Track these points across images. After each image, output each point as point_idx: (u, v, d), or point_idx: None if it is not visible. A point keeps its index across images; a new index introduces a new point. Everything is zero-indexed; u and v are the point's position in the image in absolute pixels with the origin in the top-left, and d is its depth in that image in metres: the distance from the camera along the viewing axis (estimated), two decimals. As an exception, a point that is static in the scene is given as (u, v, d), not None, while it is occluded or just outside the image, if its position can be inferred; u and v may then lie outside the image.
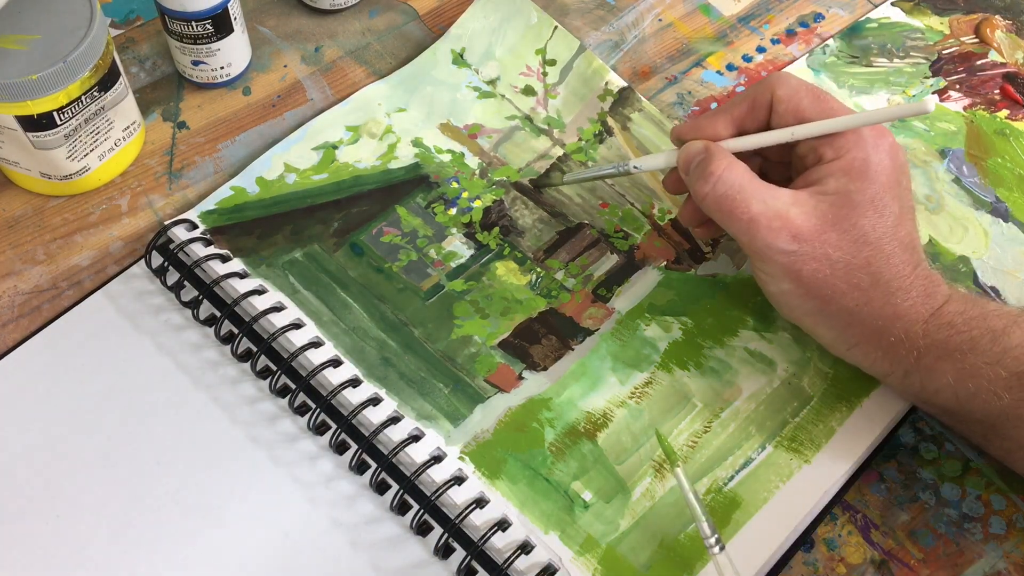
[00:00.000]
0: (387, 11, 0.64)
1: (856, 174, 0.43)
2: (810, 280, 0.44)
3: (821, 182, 0.44)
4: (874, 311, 0.44)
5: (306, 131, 0.56)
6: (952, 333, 0.43)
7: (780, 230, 0.43)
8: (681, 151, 0.47)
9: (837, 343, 0.46)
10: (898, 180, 0.44)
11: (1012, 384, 0.42)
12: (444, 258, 0.52)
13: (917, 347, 0.44)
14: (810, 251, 0.43)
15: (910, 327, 0.44)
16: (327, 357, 0.47)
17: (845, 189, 0.43)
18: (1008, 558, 0.45)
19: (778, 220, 0.43)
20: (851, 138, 0.44)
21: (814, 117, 0.45)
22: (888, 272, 0.43)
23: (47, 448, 0.45)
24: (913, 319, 0.44)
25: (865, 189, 0.43)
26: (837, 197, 0.43)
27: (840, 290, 0.43)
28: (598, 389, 0.48)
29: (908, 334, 0.44)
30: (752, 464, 0.46)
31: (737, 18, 0.65)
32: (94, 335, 0.48)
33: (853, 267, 0.43)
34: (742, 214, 0.44)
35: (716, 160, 0.45)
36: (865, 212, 0.43)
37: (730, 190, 0.44)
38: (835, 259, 0.43)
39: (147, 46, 0.61)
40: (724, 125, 0.47)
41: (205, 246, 0.50)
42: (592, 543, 0.43)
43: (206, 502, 0.44)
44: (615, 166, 0.51)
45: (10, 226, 0.53)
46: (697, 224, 0.50)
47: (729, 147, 0.46)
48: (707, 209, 0.45)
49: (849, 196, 0.43)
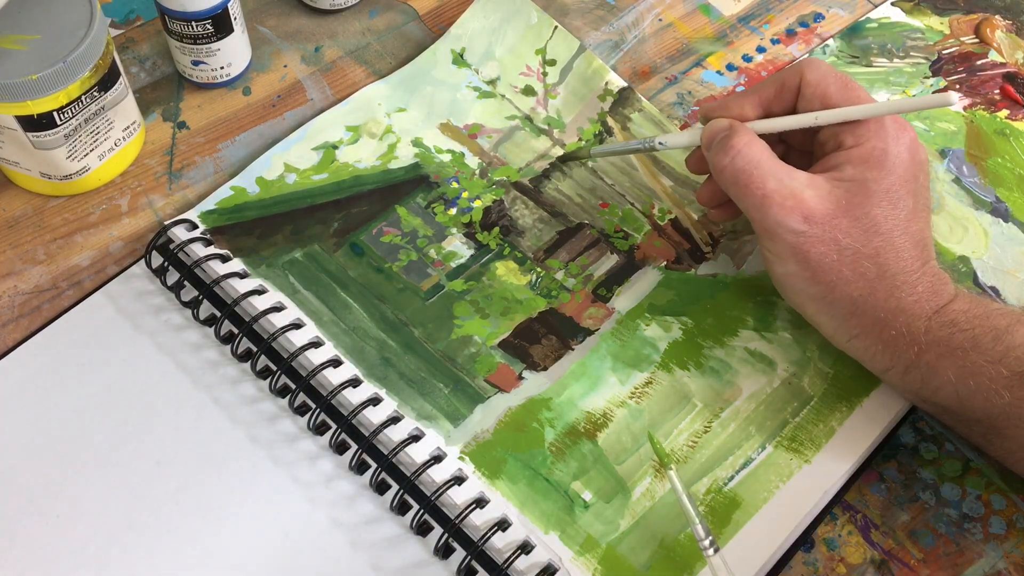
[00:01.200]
0: (387, 11, 0.64)
1: (874, 163, 0.44)
2: (817, 263, 0.44)
3: (839, 168, 0.44)
4: (878, 302, 0.44)
5: (306, 131, 0.56)
6: (955, 331, 0.43)
7: (792, 209, 0.43)
8: (706, 128, 0.47)
9: (838, 333, 0.46)
10: (915, 175, 0.44)
11: (1013, 383, 0.42)
12: (444, 258, 0.52)
13: (919, 343, 0.43)
14: (819, 234, 0.43)
15: (913, 322, 0.44)
16: (327, 357, 0.47)
17: (861, 177, 0.43)
18: (1008, 558, 0.45)
19: (792, 199, 0.43)
20: (872, 128, 0.44)
21: (840, 104, 0.45)
22: (896, 265, 0.43)
23: (47, 448, 0.45)
24: (917, 314, 0.44)
25: (881, 179, 0.43)
26: (853, 184, 0.44)
27: (845, 277, 0.44)
28: (598, 389, 0.48)
29: (910, 329, 0.44)
30: (752, 464, 0.46)
31: (737, 18, 0.65)
32: (94, 335, 0.48)
33: (861, 256, 0.43)
34: (757, 189, 0.44)
35: (739, 135, 0.45)
36: (879, 202, 0.43)
37: (748, 165, 0.44)
38: (844, 245, 0.43)
39: (147, 46, 0.61)
40: (751, 106, 0.47)
41: (205, 246, 0.50)
42: (592, 543, 0.43)
43: (206, 502, 0.44)
44: (642, 141, 0.52)
45: (10, 226, 0.53)
46: (713, 205, 0.50)
47: (754, 128, 0.47)
48: (724, 183, 0.46)
49: (865, 184, 0.43)
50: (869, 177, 0.43)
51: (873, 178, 0.43)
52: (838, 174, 0.44)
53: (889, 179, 0.44)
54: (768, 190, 0.44)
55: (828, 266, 0.44)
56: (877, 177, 0.43)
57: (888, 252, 0.43)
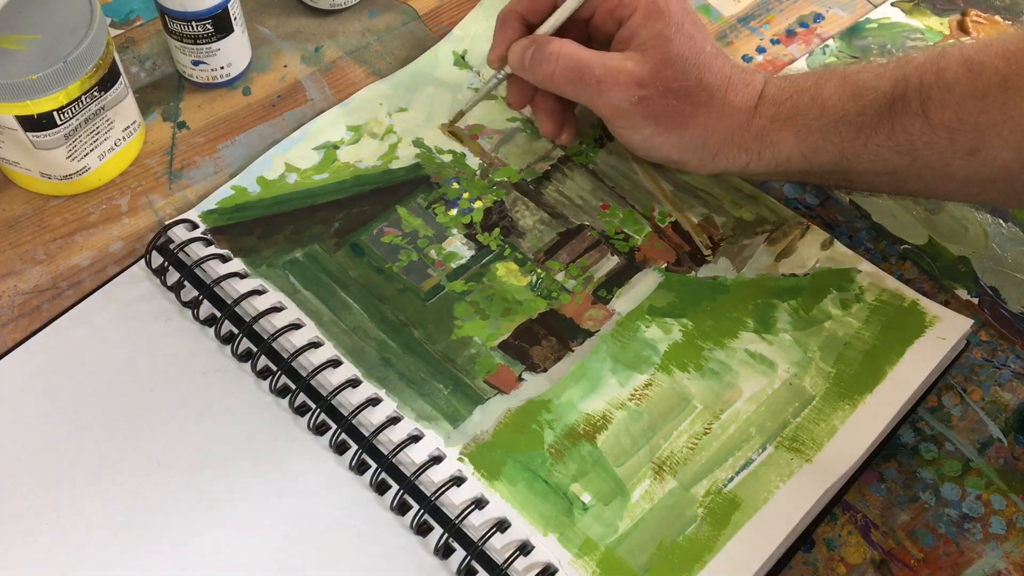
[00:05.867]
0: (387, 11, 0.64)
1: (656, 15, 0.49)
2: (664, 114, 0.49)
3: (635, 36, 0.49)
4: (720, 116, 0.50)
5: (307, 131, 0.56)
6: (778, 107, 0.50)
7: (627, 82, 0.49)
8: (509, 53, 0.52)
9: (704, 161, 0.51)
10: (681, 5, 0.50)
11: (839, 128, 0.48)
12: (444, 259, 0.52)
13: (758, 129, 0.50)
14: (656, 91, 0.49)
15: (749, 117, 0.50)
16: (327, 357, 0.47)
17: (655, 31, 0.49)
18: (1008, 558, 0.45)
19: (623, 74, 0.49)
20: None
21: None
22: (717, 80, 0.50)
23: (47, 448, 0.45)
24: (747, 108, 0.50)
25: (669, 23, 0.49)
26: (653, 39, 0.49)
27: (688, 112, 0.49)
28: (598, 391, 0.48)
29: (749, 121, 0.50)
30: (752, 464, 0.46)
31: (737, 18, 0.65)
32: (94, 335, 0.48)
33: (690, 89, 0.49)
34: (590, 78, 0.49)
35: (548, 44, 0.50)
36: (679, 41, 0.49)
37: (571, 62, 0.49)
38: (676, 89, 0.49)
39: (147, 46, 0.61)
40: (514, 28, 0.52)
41: (205, 246, 0.50)
42: (591, 545, 0.43)
43: (206, 502, 0.44)
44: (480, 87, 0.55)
45: (10, 226, 0.53)
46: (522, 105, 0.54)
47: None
48: (557, 87, 0.50)
49: (662, 34, 0.49)
50: (660, 27, 0.49)
51: (663, 26, 0.49)
52: (638, 40, 0.49)
53: (673, 20, 0.49)
54: (599, 75, 0.49)
55: (674, 111, 0.49)
56: (666, 24, 0.49)
57: (707, 74, 0.49)
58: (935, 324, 0.49)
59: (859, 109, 0.48)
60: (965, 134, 0.46)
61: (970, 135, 0.46)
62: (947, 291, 0.53)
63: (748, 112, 0.50)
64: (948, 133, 0.46)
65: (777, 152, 0.50)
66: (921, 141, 0.47)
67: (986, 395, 0.50)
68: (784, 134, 0.50)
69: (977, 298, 0.53)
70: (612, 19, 0.51)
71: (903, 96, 0.47)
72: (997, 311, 0.52)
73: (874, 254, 0.54)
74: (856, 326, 0.50)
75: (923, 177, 0.49)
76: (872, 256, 0.54)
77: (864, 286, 0.51)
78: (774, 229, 0.53)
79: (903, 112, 0.47)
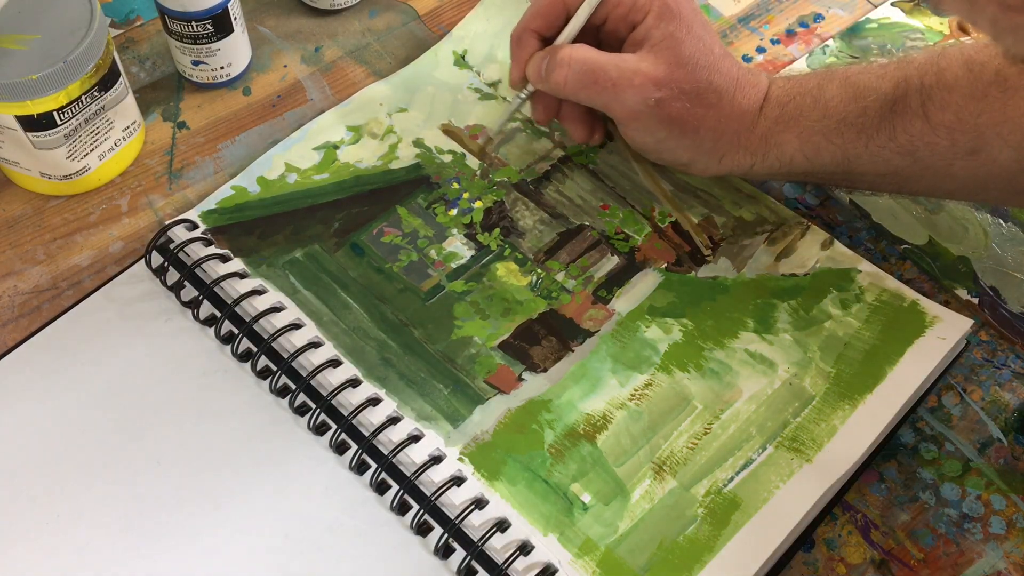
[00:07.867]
0: (387, 11, 0.64)
1: (668, 16, 0.48)
2: (679, 119, 0.49)
3: (648, 38, 0.49)
4: (728, 119, 0.50)
5: (307, 131, 0.56)
6: (783, 108, 0.50)
7: (643, 83, 0.48)
8: (528, 68, 0.51)
9: (711, 163, 0.51)
10: (692, 7, 0.50)
11: (841, 129, 0.49)
12: (445, 259, 0.52)
13: (763, 131, 0.50)
14: (671, 93, 0.48)
15: (754, 118, 0.50)
16: (327, 357, 0.47)
17: (668, 33, 0.48)
18: (1008, 558, 0.45)
19: (637, 76, 0.48)
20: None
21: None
22: (726, 82, 0.49)
23: (47, 448, 0.45)
24: (753, 110, 0.50)
25: (680, 25, 0.49)
26: (666, 41, 0.48)
27: (699, 115, 0.49)
28: (598, 391, 0.48)
29: (754, 124, 0.50)
30: (752, 464, 0.46)
31: (737, 18, 0.65)
32: (94, 335, 0.48)
33: (702, 91, 0.49)
34: (605, 81, 0.48)
35: (561, 51, 0.49)
36: (690, 42, 0.49)
37: (585, 65, 0.49)
38: (689, 91, 0.49)
39: (147, 46, 0.61)
40: (530, 45, 0.51)
41: (205, 246, 0.50)
42: (591, 545, 0.43)
43: (206, 502, 0.44)
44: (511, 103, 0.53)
45: (10, 226, 0.53)
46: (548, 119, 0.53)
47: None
48: (572, 93, 0.50)
49: (673, 36, 0.48)
50: (672, 29, 0.48)
51: (675, 27, 0.48)
52: (650, 42, 0.49)
53: (684, 22, 0.49)
54: (614, 78, 0.48)
55: (687, 115, 0.49)
56: (678, 25, 0.48)
57: (716, 76, 0.49)
58: (935, 324, 0.49)
59: (861, 110, 0.48)
60: (965, 135, 0.46)
61: (970, 135, 0.46)
62: (947, 291, 0.53)
63: (754, 114, 0.50)
64: (949, 134, 0.46)
65: (781, 154, 0.50)
66: (922, 142, 0.47)
67: (986, 395, 0.50)
68: (787, 136, 0.50)
69: (977, 298, 0.53)
70: (625, 24, 0.50)
71: (904, 97, 0.47)
72: (997, 311, 0.52)
73: (874, 254, 0.54)
74: (856, 326, 0.50)
75: (924, 177, 0.49)
76: (872, 256, 0.54)
77: (864, 286, 0.51)
78: (774, 229, 0.53)
79: (904, 113, 0.47)
